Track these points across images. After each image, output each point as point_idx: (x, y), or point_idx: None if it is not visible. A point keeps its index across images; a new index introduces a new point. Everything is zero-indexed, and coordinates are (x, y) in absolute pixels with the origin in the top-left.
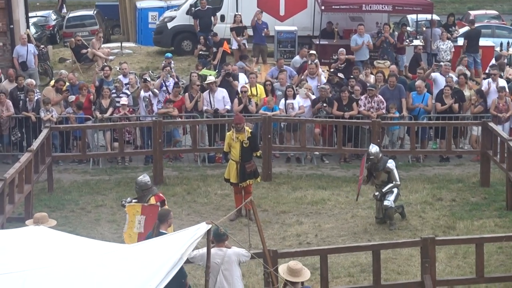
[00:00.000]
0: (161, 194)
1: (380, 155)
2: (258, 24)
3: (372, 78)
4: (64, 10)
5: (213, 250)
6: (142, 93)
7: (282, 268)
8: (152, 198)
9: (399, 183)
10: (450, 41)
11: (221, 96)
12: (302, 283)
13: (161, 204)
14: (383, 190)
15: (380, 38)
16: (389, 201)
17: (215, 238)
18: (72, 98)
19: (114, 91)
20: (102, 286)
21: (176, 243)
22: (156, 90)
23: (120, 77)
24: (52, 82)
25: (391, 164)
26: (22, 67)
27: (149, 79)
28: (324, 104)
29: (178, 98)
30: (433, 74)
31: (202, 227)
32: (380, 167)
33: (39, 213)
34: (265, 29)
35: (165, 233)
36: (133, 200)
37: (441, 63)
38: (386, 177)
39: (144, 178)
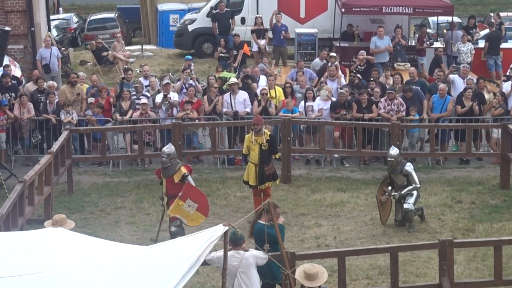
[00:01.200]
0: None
1: (400, 158)
2: (277, 26)
3: (391, 81)
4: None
5: (230, 253)
6: (163, 96)
7: (299, 272)
8: (182, 167)
9: (418, 185)
10: (470, 43)
11: (242, 99)
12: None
13: (190, 173)
14: (402, 193)
15: (394, 41)
16: (409, 204)
17: (232, 241)
18: (91, 100)
19: (134, 93)
20: None
21: (193, 245)
22: (175, 100)
23: (141, 79)
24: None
25: (409, 167)
26: (45, 70)
27: (169, 81)
28: (344, 112)
29: (195, 99)
30: (451, 76)
31: (219, 229)
32: (398, 170)
33: (58, 215)
34: (284, 32)
35: (262, 224)
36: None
37: (460, 66)
38: (405, 181)
39: (171, 147)
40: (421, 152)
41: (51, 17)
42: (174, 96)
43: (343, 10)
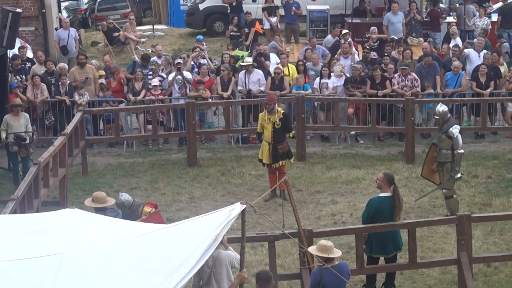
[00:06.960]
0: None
1: (448, 115)
2: (288, 3)
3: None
4: None
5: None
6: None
7: (313, 247)
8: (145, 207)
9: (461, 151)
10: (487, 18)
11: (256, 78)
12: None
13: (155, 207)
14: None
15: (409, 16)
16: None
17: None
18: (102, 81)
19: (150, 72)
20: (138, 268)
21: (211, 224)
22: (189, 78)
23: (155, 58)
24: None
25: (455, 129)
26: (62, 51)
27: (181, 61)
28: (358, 80)
29: (207, 78)
30: (466, 50)
31: (237, 208)
32: (444, 128)
33: (98, 192)
34: (295, 8)
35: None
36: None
37: (474, 40)
38: (450, 144)
39: (123, 196)
40: (436, 127)
41: None
42: (187, 75)
43: None
